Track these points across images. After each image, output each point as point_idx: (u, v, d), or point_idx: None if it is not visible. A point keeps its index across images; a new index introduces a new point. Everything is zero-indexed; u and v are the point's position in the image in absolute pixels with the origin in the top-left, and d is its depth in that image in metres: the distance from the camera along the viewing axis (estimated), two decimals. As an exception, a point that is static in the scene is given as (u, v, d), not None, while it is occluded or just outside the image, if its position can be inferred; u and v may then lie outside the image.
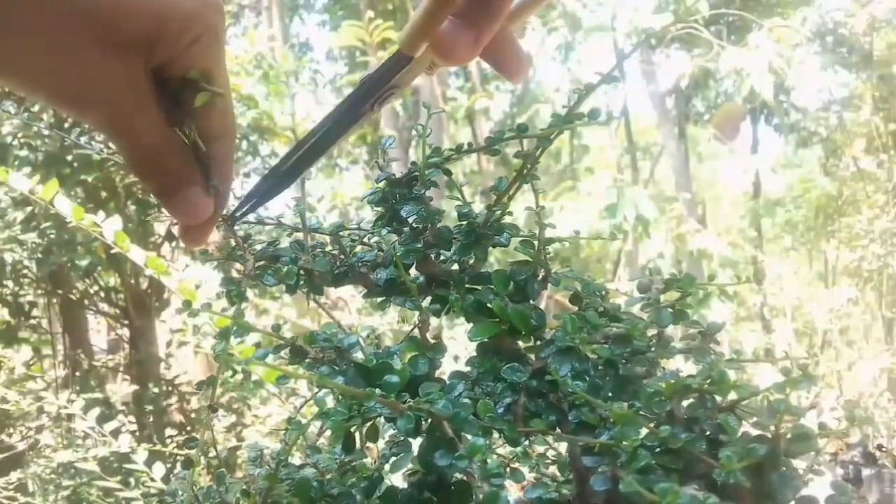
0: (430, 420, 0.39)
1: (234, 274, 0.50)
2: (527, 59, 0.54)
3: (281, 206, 0.56)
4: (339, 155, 5.85)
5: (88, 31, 0.38)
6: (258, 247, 0.51)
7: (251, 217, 0.54)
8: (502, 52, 0.52)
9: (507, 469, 0.45)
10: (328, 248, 0.52)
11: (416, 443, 0.43)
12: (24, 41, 0.38)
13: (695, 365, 0.44)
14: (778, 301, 4.56)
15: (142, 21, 0.39)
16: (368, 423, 0.42)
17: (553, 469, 0.55)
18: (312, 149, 0.52)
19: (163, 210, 0.46)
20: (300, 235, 0.52)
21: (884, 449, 3.29)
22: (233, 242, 0.51)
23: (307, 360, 0.46)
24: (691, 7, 4.22)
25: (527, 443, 0.52)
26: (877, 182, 4.34)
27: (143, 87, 0.41)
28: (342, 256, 0.51)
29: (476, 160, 5.30)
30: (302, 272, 0.49)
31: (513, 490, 0.46)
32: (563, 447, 0.52)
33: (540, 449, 0.57)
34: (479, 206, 0.53)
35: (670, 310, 0.46)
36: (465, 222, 0.50)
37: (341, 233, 0.52)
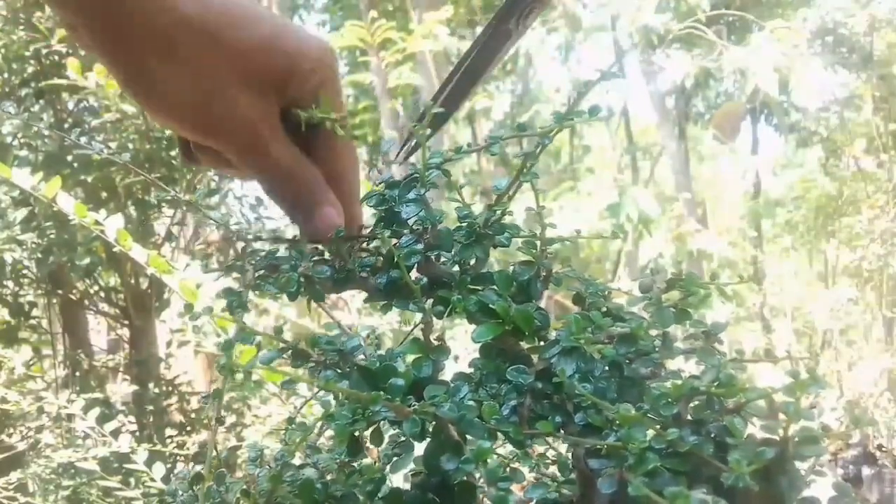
0: (435, 423, 0.39)
1: (235, 281, 0.50)
2: None
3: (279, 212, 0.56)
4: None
5: (235, 70, 0.43)
6: (260, 253, 0.51)
7: (248, 229, 0.54)
8: None
9: (507, 469, 0.45)
10: (327, 255, 0.52)
11: (417, 443, 0.43)
12: (183, 78, 0.43)
13: (697, 365, 0.44)
14: (778, 301, 4.56)
15: (279, 60, 0.45)
16: (373, 427, 0.42)
17: (553, 469, 0.55)
18: (465, 77, 0.54)
19: (163, 210, 0.48)
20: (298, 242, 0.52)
21: (884, 449, 3.29)
22: (232, 252, 0.51)
23: (310, 364, 0.46)
24: (693, 7, 4.22)
25: (529, 443, 0.52)
26: (877, 182, 4.33)
27: (276, 119, 0.46)
28: (342, 262, 0.51)
29: (476, 160, 5.29)
30: (302, 279, 0.49)
31: (513, 490, 0.46)
32: (563, 447, 0.52)
33: (540, 449, 0.56)
34: (479, 207, 0.53)
35: (673, 310, 0.46)
36: (465, 223, 0.50)
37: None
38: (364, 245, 0.52)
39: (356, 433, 0.41)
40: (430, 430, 0.40)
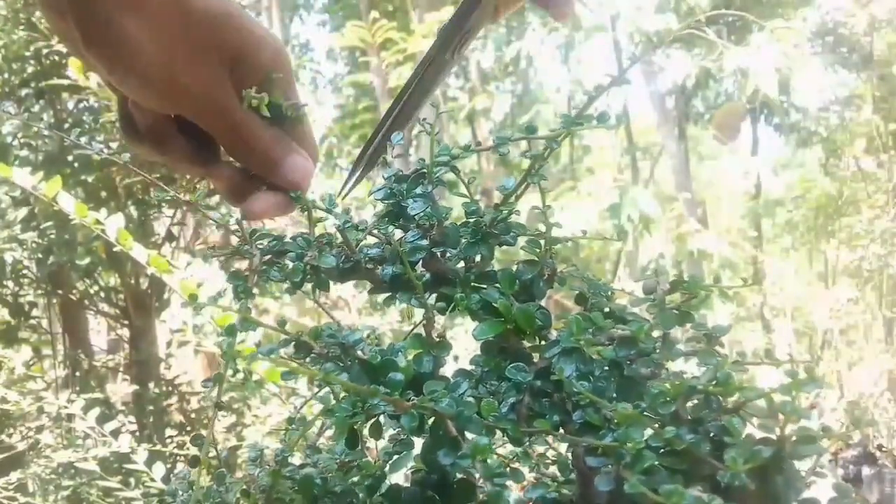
0: (433, 418, 0.39)
1: (240, 268, 0.50)
2: (572, 1, 0.60)
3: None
4: (339, 155, 5.85)
5: (200, 34, 0.45)
6: (264, 241, 0.51)
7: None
8: None
9: (508, 469, 0.45)
10: (334, 242, 0.51)
11: (418, 441, 0.43)
12: (149, 35, 0.44)
13: (698, 367, 0.44)
14: (778, 301, 4.56)
15: (242, 35, 0.47)
16: (372, 421, 0.42)
17: (553, 469, 0.55)
18: (404, 110, 0.57)
19: (163, 210, 0.48)
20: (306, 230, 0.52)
21: (884, 449, 3.28)
22: (237, 239, 0.51)
23: (311, 356, 0.46)
24: (694, 7, 4.22)
25: (527, 442, 0.52)
26: (877, 182, 4.34)
27: (230, 87, 0.48)
28: (348, 251, 0.51)
29: (476, 160, 5.30)
30: (308, 268, 0.49)
31: (513, 490, 0.46)
32: (563, 447, 0.52)
33: (540, 449, 0.57)
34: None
35: (675, 311, 0.46)
36: (472, 220, 0.50)
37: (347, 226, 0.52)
38: (370, 232, 0.52)
39: (355, 426, 0.41)
40: (429, 425, 0.40)
